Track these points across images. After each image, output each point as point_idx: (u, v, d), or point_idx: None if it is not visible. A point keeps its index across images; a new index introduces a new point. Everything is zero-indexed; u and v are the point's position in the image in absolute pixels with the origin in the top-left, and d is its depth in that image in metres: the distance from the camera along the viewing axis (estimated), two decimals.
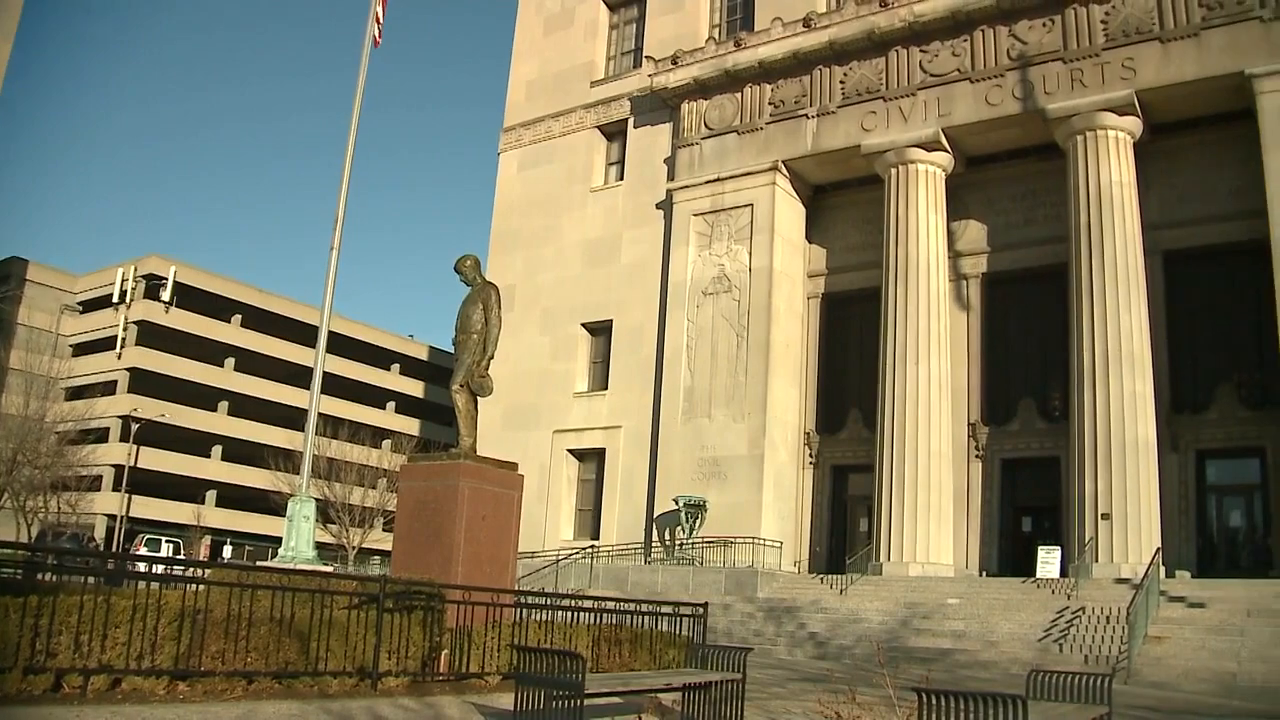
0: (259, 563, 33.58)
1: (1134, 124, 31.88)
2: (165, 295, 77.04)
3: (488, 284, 16.15)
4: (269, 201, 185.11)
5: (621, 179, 42.35)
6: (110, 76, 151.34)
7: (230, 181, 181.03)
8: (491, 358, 15.72)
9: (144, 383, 75.19)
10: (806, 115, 36.97)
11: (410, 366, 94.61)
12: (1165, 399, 31.21)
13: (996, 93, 33.63)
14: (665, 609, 15.63)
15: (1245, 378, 31.50)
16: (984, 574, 32.71)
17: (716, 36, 41.45)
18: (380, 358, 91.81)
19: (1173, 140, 32.79)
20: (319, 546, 22.97)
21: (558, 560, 35.25)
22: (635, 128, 42.19)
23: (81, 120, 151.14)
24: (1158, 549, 27.61)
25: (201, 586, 11.27)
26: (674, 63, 39.73)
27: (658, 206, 40.19)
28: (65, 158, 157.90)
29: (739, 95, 38.67)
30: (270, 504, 61.24)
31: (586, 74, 44.59)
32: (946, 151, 34.73)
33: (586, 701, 9.69)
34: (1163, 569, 27.29)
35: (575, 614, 14.48)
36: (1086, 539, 29.05)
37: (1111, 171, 31.34)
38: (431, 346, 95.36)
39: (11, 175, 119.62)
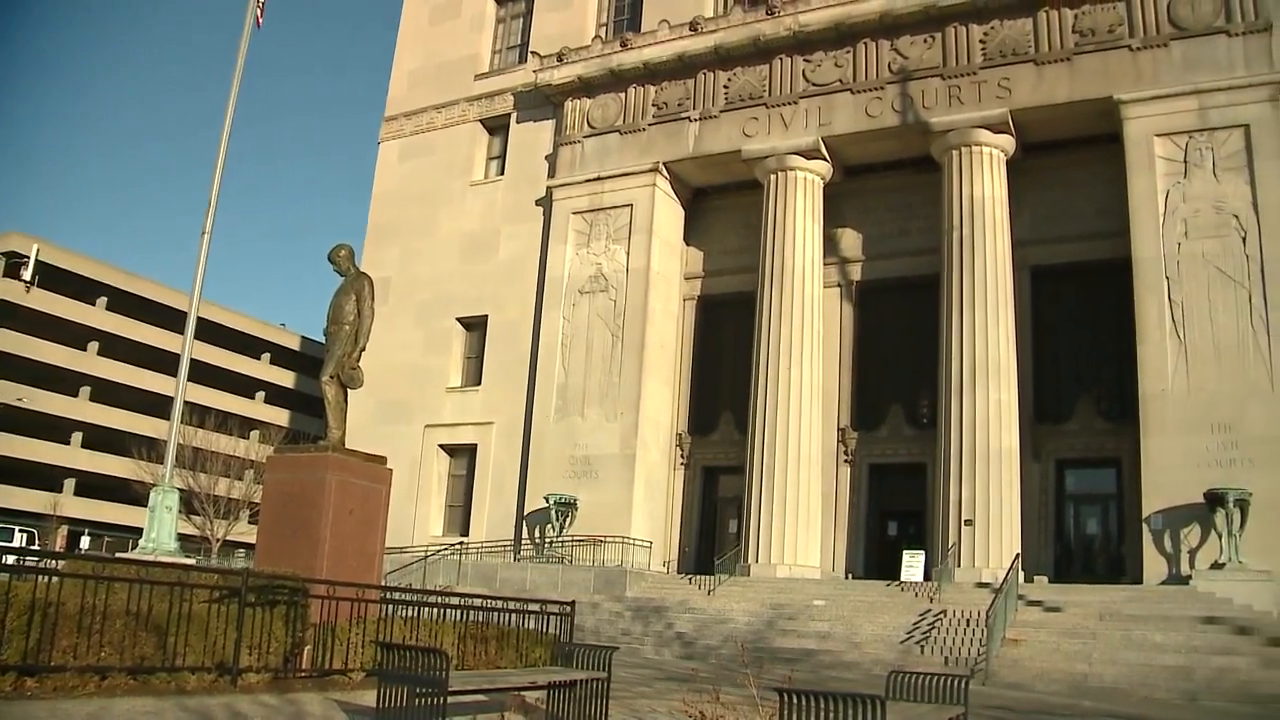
0: (118, 554, 32.65)
1: (1008, 142, 32.80)
2: (26, 274, 74.14)
3: (361, 275, 15.91)
4: (141, 183, 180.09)
5: (502, 174, 42.05)
6: None
7: (101, 162, 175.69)
8: (363, 349, 15.48)
9: (1, 365, 72.55)
10: (689, 118, 37.16)
11: (281, 356, 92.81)
12: (1029, 409, 32.12)
13: (876, 105, 34.23)
14: (533, 607, 15.55)
15: (1104, 391, 32.68)
16: (850, 576, 33.24)
17: (603, 35, 41.45)
18: (251, 346, 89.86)
19: (1044, 159, 33.79)
20: (182, 538, 22.45)
21: (426, 556, 34.85)
22: (518, 123, 41.92)
23: None
24: (1018, 554, 28.39)
25: (54, 578, 10.76)
26: (559, 60, 39.61)
27: (537, 203, 40.00)
28: None
29: (623, 95, 38.71)
30: (132, 494, 59.27)
31: (471, 67, 44.20)
32: (826, 160, 35.21)
33: (450, 699, 9.60)
34: (1022, 574, 28.10)
35: (442, 611, 14.31)
36: (950, 544, 29.74)
37: (984, 187, 32.19)
38: (304, 337, 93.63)
39: None
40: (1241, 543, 26.51)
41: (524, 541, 36.23)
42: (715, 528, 37.31)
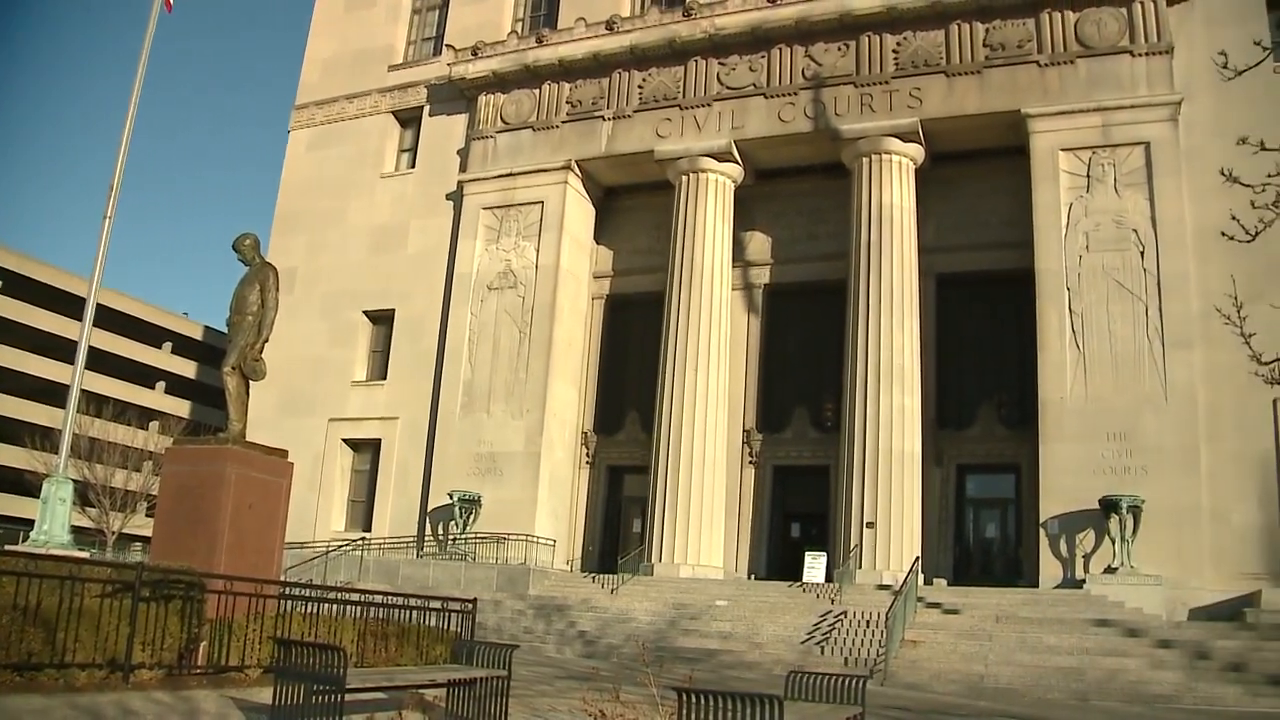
0: (7, 547, 31.80)
1: (917, 151, 33.28)
2: None
3: (266, 264, 15.61)
4: (39, 167, 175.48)
5: (413, 167, 41.60)
6: None
7: None
8: (266, 340, 15.20)
9: None
10: (603, 117, 37.13)
11: (183, 346, 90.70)
12: (931, 415, 32.62)
13: (789, 110, 34.51)
14: (435, 604, 15.40)
15: (1005, 398, 33.36)
16: (753, 577, 33.46)
17: (519, 31, 41.24)
18: (151, 335, 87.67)
19: (953, 169, 34.35)
20: (76, 531, 21.88)
21: (328, 552, 34.37)
22: (431, 116, 41.55)
23: None
24: (917, 557, 28.93)
25: None
26: (474, 54, 39.30)
27: (448, 197, 39.65)
28: None
29: (537, 92, 38.54)
30: (25, 485, 57.84)
31: (385, 57, 43.68)
32: (738, 163, 35.41)
33: (348, 697, 9.46)
34: (922, 576, 28.63)
35: (342, 607, 14.12)
36: (852, 546, 30.11)
37: (893, 194, 32.65)
38: (206, 326, 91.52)
39: None
40: (1134, 548, 27.30)
41: (427, 538, 35.90)
42: (619, 527, 37.29)
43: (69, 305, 74.02)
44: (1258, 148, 9.08)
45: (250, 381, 15.20)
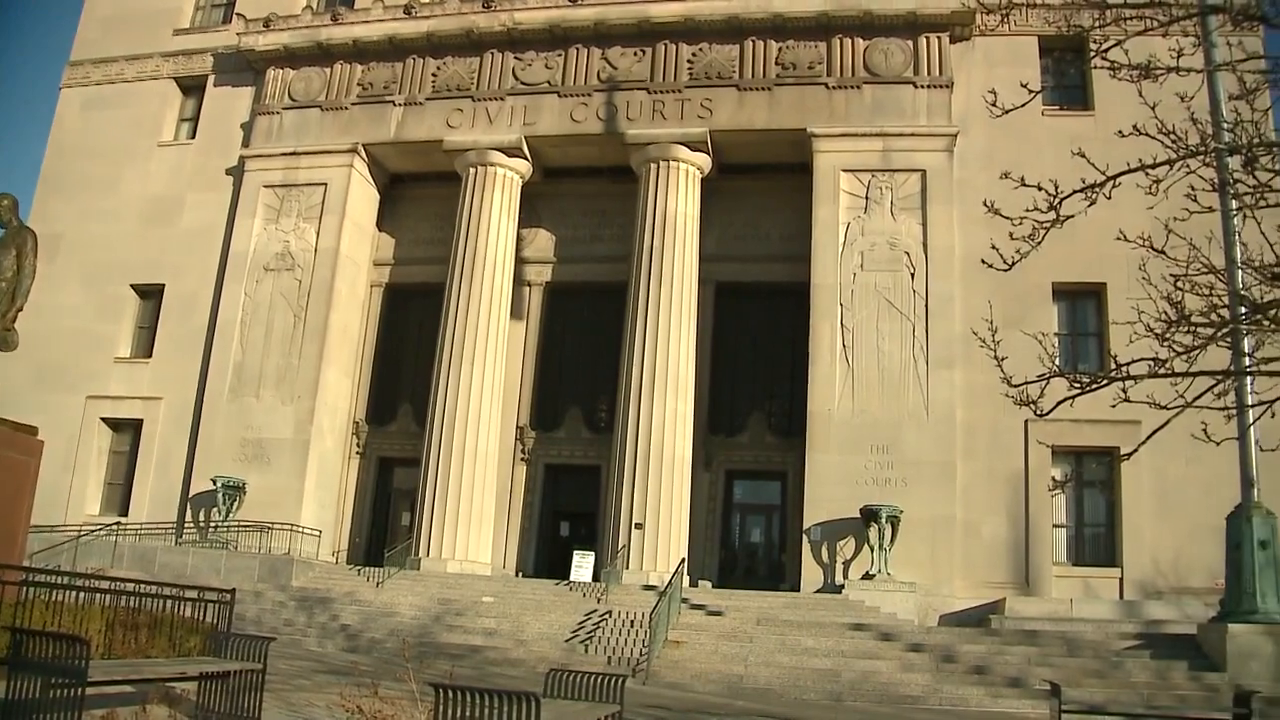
0: None
1: (705, 160, 33.88)
2: None
3: (25, 228, 14.67)
4: None
5: (194, 137, 39.76)
6: None
7: None
8: (20, 309, 14.32)
9: None
10: (394, 102, 36.46)
11: None
12: (704, 420, 33.27)
13: (582, 110, 34.62)
14: (191, 594, 14.83)
15: (776, 407, 34.29)
16: (521, 575, 33.43)
17: (314, 6, 39.90)
18: None
19: (739, 181, 35.11)
20: None
21: (79, 536, 32.64)
22: (215, 86, 39.85)
23: None
24: (683, 559, 29.47)
25: None
26: (266, 25, 37.97)
27: (228, 172, 38.11)
28: None
29: (328, 70, 37.53)
30: None
31: (171, 21, 41.62)
32: (527, 159, 35.29)
33: (90, 690, 9.00)
34: (688, 578, 29.17)
35: (91, 595, 13.45)
36: (620, 546, 30.43)
37: (679, 202, 33.15)
38: None
39: None
40: (891, 556, 28.52)
41: (188, 525, 34.44)
42: (388, 519, 36.72)
43: None
44: (1018, 183, 9.53)
45: (0, 353, 14.35)
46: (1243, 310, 9.21)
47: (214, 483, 33.49)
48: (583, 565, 30.86)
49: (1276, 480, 23.38)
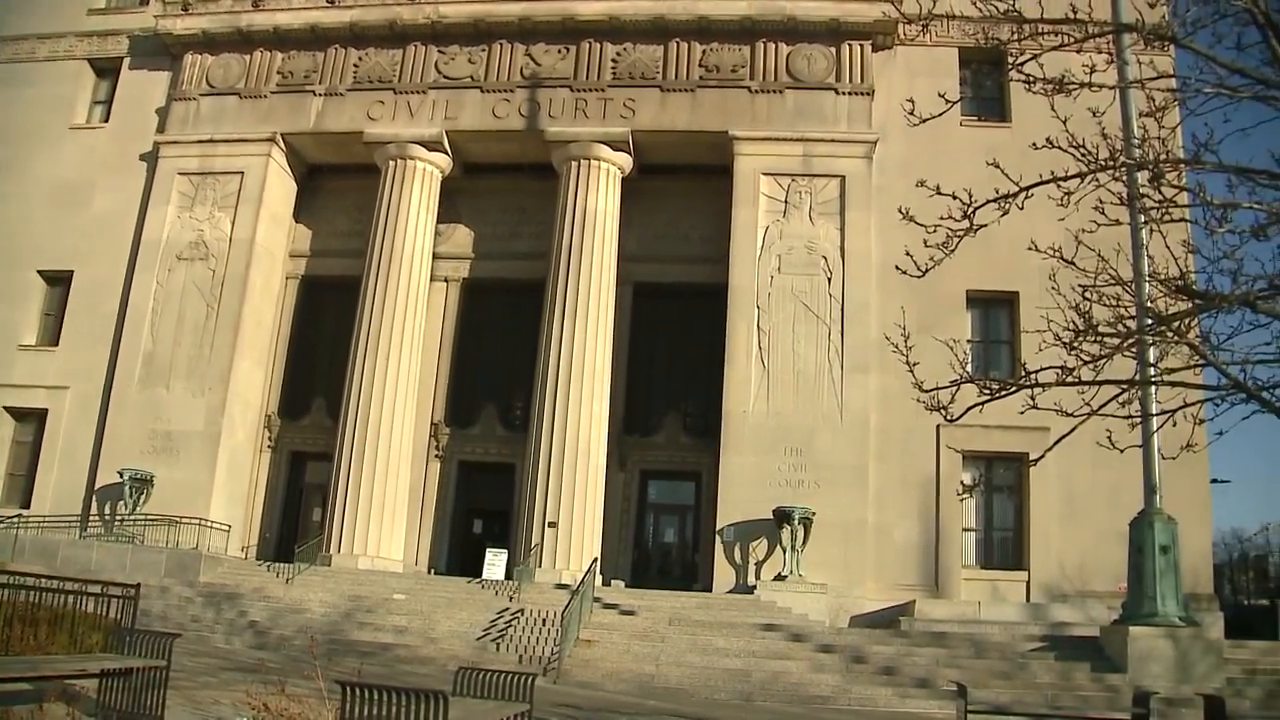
0: None
1: (626, 160, 33.97)
2: None
3: None
4: None
5: (107, 121, 38.83)
6: None
7: None
8: None
9: None
10: (314, 92, 36.00)
11: None
12: (619, 420, 33.34)
13: (504, 106, 34.51)
14: (93, 589, 14.55)
15: (692, 408, 34.42)
16: (433, 572, 33.19)
17: None
18: None
19: (659, 182, 35.19)
20: None
21: None
22: (131, 69, 38.91)
23: None
24: (596, 558, 29.52)
25: None
26: (185, 9, 37.21)
27: (142, 158, 37.26)
28: None
29: (248, 57, 36.90)
30: None
31: None
32: (447, 154, 35.09)
33: None
34: (601, 577, 29.29)
35: None
36: (533, 544, 30.42)
37: (598, 201, 33.17)
38: None
39: None
40: (803, 557, 28.85)
41: (93, 518, 33.72)
42: (300, 515, 36.29)
43: None
44: (934, 191, 9.63)
45: None
46: (1149, 321, 9.40)
47: (121, 475, 32.81)
48: (495, 563, 30.77)
49: (1178, 487, 24.08)
